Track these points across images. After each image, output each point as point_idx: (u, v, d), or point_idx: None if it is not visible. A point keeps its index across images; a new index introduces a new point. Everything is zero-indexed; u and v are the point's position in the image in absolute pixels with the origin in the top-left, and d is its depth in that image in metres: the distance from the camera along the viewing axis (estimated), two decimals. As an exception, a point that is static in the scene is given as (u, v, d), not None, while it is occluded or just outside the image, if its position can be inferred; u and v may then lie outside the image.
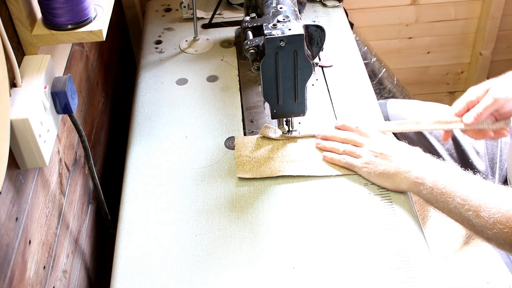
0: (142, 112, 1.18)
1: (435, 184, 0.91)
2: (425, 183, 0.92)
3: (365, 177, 1.00)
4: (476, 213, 0.86)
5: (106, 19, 0.88)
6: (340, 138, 1.05)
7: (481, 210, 0.86)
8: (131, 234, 0.95)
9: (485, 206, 0.86)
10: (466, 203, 0.87)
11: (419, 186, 0.93)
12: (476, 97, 1.04)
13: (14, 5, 0.79)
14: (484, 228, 0.86)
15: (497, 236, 0.85)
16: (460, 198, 0.88)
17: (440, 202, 0.91)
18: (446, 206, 0.90)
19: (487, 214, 0.85)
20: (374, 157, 0.99)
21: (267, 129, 1.09)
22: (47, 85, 0.82)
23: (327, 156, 1.03)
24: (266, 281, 0.87)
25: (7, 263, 0.71)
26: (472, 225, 0.88)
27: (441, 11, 1.84)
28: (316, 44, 1.01)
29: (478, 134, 1.05)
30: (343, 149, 1.03)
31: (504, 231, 0.84)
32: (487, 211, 0.85)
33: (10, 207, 0.74)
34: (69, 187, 1.00)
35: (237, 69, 1.29)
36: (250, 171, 1.03)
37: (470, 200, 0.87)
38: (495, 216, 0.84)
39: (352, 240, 0.91)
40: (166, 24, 1.45)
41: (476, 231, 0.88)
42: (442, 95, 2.09)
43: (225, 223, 0.95)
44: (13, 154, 0.77)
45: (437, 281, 0.86)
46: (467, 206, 0.87)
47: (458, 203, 0.88)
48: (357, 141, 1.03)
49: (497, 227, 0.84)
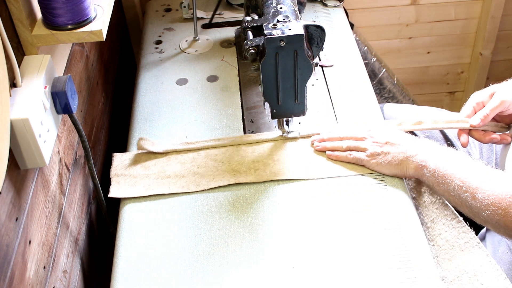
0: (142, 112, 1.18)
1: (438, 167, 0.93)
2: (428, 166, 0.95)
3: (374, 169, 1.01)
4: (473, 195, 0.89)
5: (106, 19, 0.88)
6: (339, 136, 1.05)
7: (477, 192, 0.89)
8: (131, 234, 0.95)
9: (482, 188, 0.89)
10: (464, 185, 0.90)
11: (423, 169, 0.95)
12: (482, 101, 1.06)
13: (14, 5, 0.79)
14: (480, 209, 0.89)
15: (491, 218, 0.88)
16: (459, 180, 0.91)
17: (441, 184, 0.93)
18: (446, 188, 0.93)
19: (482, 196, 0.88)
20: (380, 147, 1.00)
21: (143, 141, 1.06)
22: (47, 85, 0.82)
23: (332, 155, 1.04)
24: (266, 281, 0.87)
25: (7, 263, 0.71)
26: (469, 207, 0.90)
27: (441, 11, 1.84)
28: (316, 44, 1.01)
29: (485, 136, 1.06)
30: (346, 145, 1.03)
31: (497, 212, 0.87)
32: (483, 193, 0.88)
33: (10, 207, 0.74)
34: (69, 187, 1.00)
35: (237, 69, 1.29)
36: (125, 190, 1.00)
37: (468, 182, 0.90)
38: (490, 198, 0.87)
39: (352, 240, 0.91)
40: (166, 24, 1.45)
41: (473, 213, 0.91)
42: (442, 95, 2.09)
43: (225, 223, 0.95)
44: (13, 154, 0.77)
45: (437, 281, 0.86)
46: (464, 188, 0.90)
47: (456, 185, 0.91)
48: (358, 136, 1.04)
49: (490, 208, 0.87)
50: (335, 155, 1.03)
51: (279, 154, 1.05)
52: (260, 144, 1.07)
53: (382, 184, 1.00)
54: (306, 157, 1.05)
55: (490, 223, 0.90)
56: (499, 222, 0.88)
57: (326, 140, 1.06)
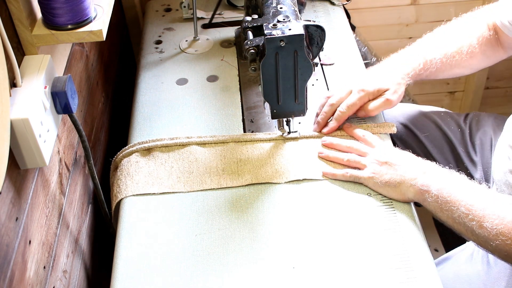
0: (142, 112, 1.18)
1: (440, 192, 0.89)
2: (430, 191, 0.90)
3: (371, 187, 0.98)
4: (480, 223, 0.84)
5: (106, 19, 0.88)
6: (346, 146, 1.03)
7: (484, 221, 0.84)
8: (131, 234, 0.95)
9: (489, 216, 0.84)
10: (470, 212, 0.85)
11: (424, 194, 0.91)
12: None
13: (14, 5, 0.79)
14: (487, 239, 0.84)
15: (500, 248, 0.83)
16: (465, 208, 0.86)
17: (445, 211, 0.89)
18: (451, 215, 0.88)
19: (490, 225, 0.83)
20: (379, 166, 0.97)
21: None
22: (47, 85, 0.82)
23: (328, 173, 1.01)
24: (266, 281, 0.87)
25: (7, 263, 0.71)
26: (476, 235, 0.86)
27: (441, 11, 1.84)
28: (316, 44, 1.01)
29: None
30: (347, 158, 1.01)
31: (507, 243, 0.82)
32: (491, 221, 0.83)
33: (10, 207, 0.74)
34: (69, 187, 1.00)
35: (237, 69, 1.29)
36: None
37: (474, 210, 0.85)
38: (498, 228, 0.83)
39: (352, 240, 0.91)
40: (166, 24, 1.45)
41: (479, 242, 0.87)
42: (442, 95, 2.09)
43: (225, 223, 0.95)
44: (13, 154, 0.77)
45: (437, 281, 0.86)
46: (471, 216, 0.85)
47: (462, 212, 0.86)
48: (362, 150, 1.01)
49: (499, 238, 0.82)
50: (332, 174, 1.00)
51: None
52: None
53: (382, 184, 0.99)
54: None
55: (499, 253, 0.85)
56: (508, 253, 0.83)
57: (334, 146, 1.04)
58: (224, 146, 1.07)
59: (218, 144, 1.07)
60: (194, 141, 1.07)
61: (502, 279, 1.00)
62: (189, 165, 1.03)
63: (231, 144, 1.07)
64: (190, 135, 1.10)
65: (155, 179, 1.02)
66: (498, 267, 1.01)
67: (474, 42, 1.12)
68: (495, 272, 1.01)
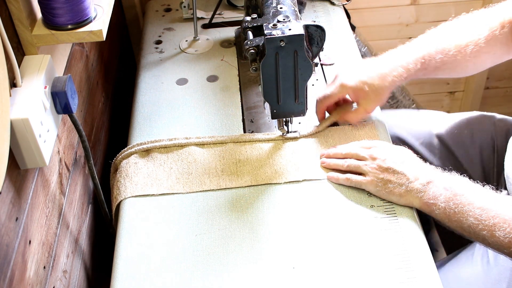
0: (142, 112, 1.18)
1: (448, 204, 0.88)
2: (437, 204, 0.89)
3: (374, 193, 0.97)
4: (491, 232, 0.84)
5: (106, 19, 0.88)
6: (342, 154, 1.02)
7: (495, 230, 0.83)
8: (131, 234, 0.95)
9: (500, 225, 0.83)
10: (480, 222, 0.85)
11: (432, 207, 0.90)
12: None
13: (14, 5, 0.79)
14: (500, 247, 0.84)
15: None
16: (474, 218, 0.85)
17: (454, 221, 0.88)
18: (460, 225, 0.88)
19: (502, 234, 0.82)
20: (381, 173, 0.95)
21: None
22: (47, 85, 0.82)
23: (333, 177, 1.00)
24: (266, 281, 0.87)
25: (7, 263, 0.71)
26: (488, 243, 0.86)
27: (441, 11, 1.84)
28: (316, 44, 1.01)
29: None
30: (347, 164, 0.99)
31: None
32: (502, 230, 0.82)
33: (10, 207, 0.74)
34: (69, 187, 1.00)
35: (237, 69, 1.29)
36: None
37: (483, 219, 0.84)
38: (511, 236, 0.82)
39: (352, 240, 0.91)
40: (166, 24, 1.45)
41: (493, 247, 0.86)
42: (442, 95, 2.09)
43: (225, 223, 0.95)
44: (13, 154, 0.77)
45: (437, 281, 0.86)
46: (481, 226, 0.85)
47: (472, 223, 0.85)
48: (360, 155, 0.99)
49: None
50: (335, 178, 0.99)
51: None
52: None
53: (382, 184, 0.99)
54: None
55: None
56: None
57: (332, 156, 1.03)
58: (223, 146, 1.07)
59: (217, 144, 1.07)
60: (193, 142, 1.07)
61: (503, 280, 1.00)
62: (188, 166, 1.03)
63: (230, 145, 1.07)
64: (190, 135, 1.10)
65: (154, 180, 1.02)
66: (498, 268, 1.01)
67: (481, 40, 1.08)
68: (496, 273, 1.01)
